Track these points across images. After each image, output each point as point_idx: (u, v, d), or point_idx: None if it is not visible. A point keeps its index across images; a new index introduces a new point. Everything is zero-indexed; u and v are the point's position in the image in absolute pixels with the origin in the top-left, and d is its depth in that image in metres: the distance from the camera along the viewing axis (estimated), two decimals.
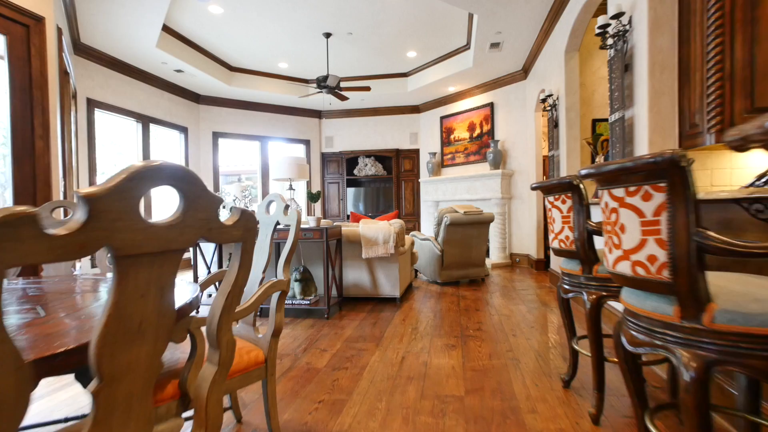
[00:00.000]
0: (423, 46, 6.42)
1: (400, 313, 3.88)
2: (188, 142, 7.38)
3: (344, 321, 3.66)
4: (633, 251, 1.15)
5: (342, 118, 9.14)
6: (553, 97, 4.68)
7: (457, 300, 4.41)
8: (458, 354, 2.76)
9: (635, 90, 2.62)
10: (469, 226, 5.16)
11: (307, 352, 2.87)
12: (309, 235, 3.67)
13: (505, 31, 5.11)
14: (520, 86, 6.79)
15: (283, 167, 3.89)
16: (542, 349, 2.82)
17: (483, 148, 7.46)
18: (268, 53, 6.57)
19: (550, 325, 3.41)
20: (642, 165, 1.05)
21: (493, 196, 7.00)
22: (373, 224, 4.29)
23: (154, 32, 4.96)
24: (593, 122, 4.43)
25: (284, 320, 3.68)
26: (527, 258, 6.68)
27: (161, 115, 6.70)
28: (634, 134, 2.65)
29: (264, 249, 1.83)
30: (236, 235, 0.82)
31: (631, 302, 1.21)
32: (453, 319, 3.63)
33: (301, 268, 3.84)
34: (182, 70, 6.25)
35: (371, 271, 4.32)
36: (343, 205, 9.16)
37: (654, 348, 1.13)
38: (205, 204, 0.74)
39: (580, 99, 4.42)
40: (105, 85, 5.59)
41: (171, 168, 0.69)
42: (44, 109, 2.78)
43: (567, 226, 1.90)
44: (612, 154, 2.91)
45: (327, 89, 5.88)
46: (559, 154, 4.66)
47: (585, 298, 1.84)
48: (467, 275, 5.37)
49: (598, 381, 1.82)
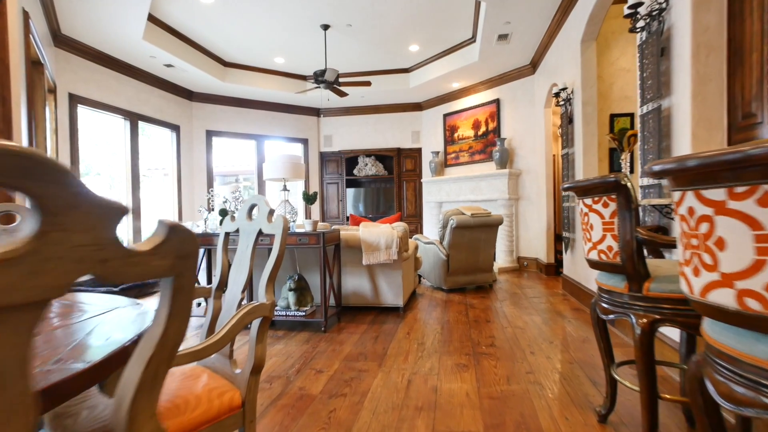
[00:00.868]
0: (426, 39, 6.10)
1: (404, 325, 3.56)
2: (180, 141, 7.05)
3: (343, 334, 3.33)
4: (742, 276, 0.82)
5: (341, 116, 8.82)
6: (568, 90, 4.36)
7: (465, 309, 4.09)
8: (471, 376, 2.44)
9: (674, 77, 2.30)
10: (477, 229, 4.84)
11: (301, 373, 2.55)
12: (304, 241, 3.35)
13: (515, 20, 4.79)
14: (527, 81, 6.47)
15: (276, 167, 3.57)
16: (566, 370, 2.50)
17: (489, 146, 7.14)
18: (264, 47, 6.25)
19: (571, 339, 3.08)
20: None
21: (499, 197, 6.68)
22: (375, 228, 3.97)
23: (139, 22, 4.64)
24: (611, 117, 4.11)
25: (277, 335, 3.37)
26: (536, 262, 6.36)
27: (151, 113, 6.37)
28: (672, 127, 2.33)
29: (244, 263, 1.51)
30: (160, 267, 0.50)
31: (742, 350, 0.89)
32: (462, 333, 3.31)
33: (296, 276, 3.52)
34: (172, 65, 5.93)
35: (372, 278, 4.00)
36: (343, 206, 8.84)
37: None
38: (88, 218, 0.42)
39: (597, 93, 4.10)
40: (89, 80, 5.27)
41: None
42: (4, 99, 2.46)
43: (610, 234, 1.58)
44: (644, 151, 2.59)
45: (325, 84, 5.56)
46: (573, 152, 4.34)
47: (633, 321, 1.52)
48: (474, 281, 5.05)
49: (650, 423, 1.49)
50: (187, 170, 7.22)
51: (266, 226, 1.45)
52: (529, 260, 6.50)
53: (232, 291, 1.53)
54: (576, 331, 3.30)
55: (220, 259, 1.66)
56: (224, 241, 1.67)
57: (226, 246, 1.68)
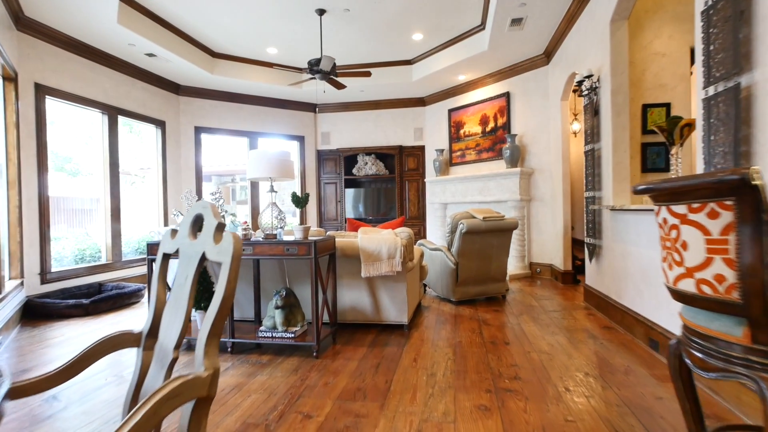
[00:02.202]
0: (431, 26, 5.60)
1: (409, 348, 3.06)
2: (166, 138, 6.55)
3: (338, 361, 2.83)
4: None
5: (339, 112, 8.32)
6: (593, 78, 3.86)
7: (479, 326, 3.59)
8: (497, 425, 1.94)
9: (759, 44, 1.80)
10: (489, 235, 4.34)
11: (285, 419, 2.05)
12: (293, 251, 2.85)
13: (531, 1, 4.29)
14: (540, 73, 5.97)
15: (260, 164, 3.07)
16: (616, 418, 2.00)
17: (498, 143, 6.64)
18: (255, 36, 5.75)
19: (609, 369, 2.58)
20: None
21: (509, 198, 6.18)
22: (375, 234, 3.47)
23: (111, 3, 4.14)
24: (644, 108, 3.62)
25: (261, 362, 2.87)
26: (550, 268, 5.86)
27: (133, 107, 5.87)
28: (755, 111, 1.83)
29: (181, 301, 1.01)
30: None
31: None
32: (479, 359, 2.81)
33: (284, 291, 3.02)
34: (154, 54, 5.43)
35: (373, 291, 3.50)
36: (341, 208, 8.34)
37: None
38: None
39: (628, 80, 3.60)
40: (60, 70, 4.77)
41: None
42: None
43: (720, 257, 1.08)
44: (708, 144, 2.09)
45: (321, 75, 5.06)
46: (600, 147, 3.85)
47: (764, 388, 1.02)
48: (485, 292, 4.55)
49: None
50: (174, 169, 6.72)
51: (211, 248, 0.95)
52: (542, 266, 6.00)
53: (162, 345, 1.04)
54: (612, 357, 2.80)
55: (154, 293, 1.15)
56: (161, 267, 1.17)
57: (163, 273, 1.18)
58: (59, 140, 5.24)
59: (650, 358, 2.75)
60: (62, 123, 5.22)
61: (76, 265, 5.09)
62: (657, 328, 2.78)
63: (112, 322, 4.06)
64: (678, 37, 3.58)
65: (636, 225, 3.11)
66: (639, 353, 2.84)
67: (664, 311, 2.71)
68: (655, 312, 2.84)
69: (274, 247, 2.89)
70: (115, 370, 2.75)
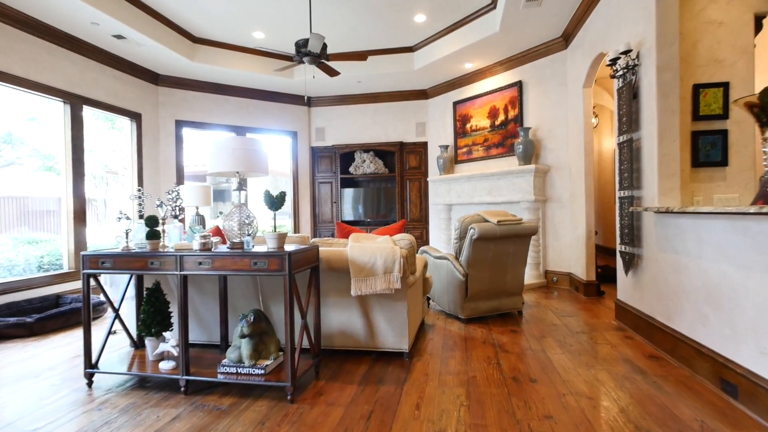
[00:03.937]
0: (434, 6, 4.97)
1: (410, 388, 2.41)
2: (142, 132, 5.93)
3: (319, 407, 2.19)
4: None
5: (335, 105, 7.69)
6: (631, 55, 3.22)
7: (495, 354, 2.95)
8: None
9: None
10: (504, 241, 3.71)
11: None
12: (261, 265, 2.22)
13: None
14: (558, 58, 5.33)
15: (223, 156, 2.44)
16: None
17: (508, 138, 6.00)
18: (239, 18, 5.13)
19: (675, 425, 1.94)
20: None
21: (522, 199, 5.54)
22: (369, 243, 2.84)
23: None
24: (695, 89, 2.98)
25: (220, 407, 2.23)
26: (569, 278, 5.22)
27: (102, 97, 5.25)
28: None
29: None
30: None
31: None
32: (501, 407, 2.16)
33: (251, 315, 2.38)
34: (123, 36, 4.80)
35: (366, 312, 2.87)
36: (337, 209, 7.71)
37: None
38: None
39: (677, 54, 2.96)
40: (8, 51, 4.15)
41: None
42: None
43: None
44: None
45: (310, 57, 4.43)
46: (640, 137, 3.21)
47: None
48: (499, 308, 3.91)
49: None
50: (152, 166, 6.10)
51: None
52: (559, 275, 5.36)
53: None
54: (675, 404, 2.15)
55: None
56: None
57: None
58: (13, 130, 4.62)
59: (727, 407, 2.10)
60: (16, 112, 4.60)
61: (31, 275, 4.47)
62: (734, 367, 2.13)
63: (59, 344, 3.43)
64: (738, 2, 2.95)
65: (696, 232, 2.46)
66: (710, 399, 2.19)
67: (747, 345, 2.07)
68: (730, 345, 2.19)
69: (238, 261, 2.26)
70: None
